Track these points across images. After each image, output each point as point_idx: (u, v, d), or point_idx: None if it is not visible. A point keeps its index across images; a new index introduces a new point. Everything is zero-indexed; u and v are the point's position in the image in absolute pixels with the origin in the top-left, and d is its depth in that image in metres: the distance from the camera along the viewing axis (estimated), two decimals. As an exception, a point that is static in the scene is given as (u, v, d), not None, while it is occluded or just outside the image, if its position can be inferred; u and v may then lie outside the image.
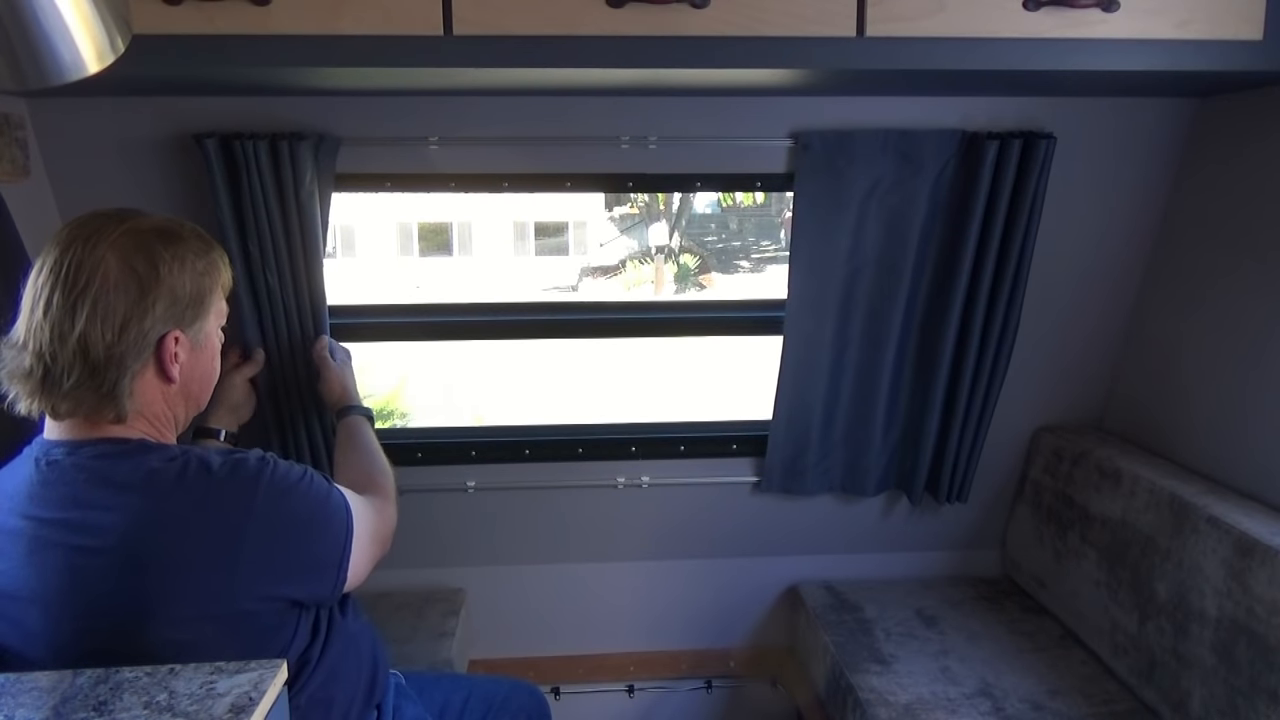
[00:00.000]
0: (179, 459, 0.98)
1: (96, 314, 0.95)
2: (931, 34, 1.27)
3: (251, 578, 0.97)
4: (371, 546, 1.17)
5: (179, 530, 0.94)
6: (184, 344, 1.03)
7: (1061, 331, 1.86)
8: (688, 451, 1.94)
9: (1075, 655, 1.72)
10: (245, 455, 1.01)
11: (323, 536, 1.06)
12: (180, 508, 0.95)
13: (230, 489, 0.97)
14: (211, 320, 1.08)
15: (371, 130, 1.62)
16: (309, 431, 1.73)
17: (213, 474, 0.97)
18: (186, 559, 0.94)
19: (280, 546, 0.99)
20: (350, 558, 1.08)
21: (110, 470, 0.96)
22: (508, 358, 10.52)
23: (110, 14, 0.89)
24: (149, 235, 1.01)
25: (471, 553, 1.99)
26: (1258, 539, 1.33)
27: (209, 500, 0.96)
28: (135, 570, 0.92)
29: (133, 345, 0.97)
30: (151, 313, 0.98)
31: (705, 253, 17.27)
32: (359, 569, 1.12)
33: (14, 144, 1.50)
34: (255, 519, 0.97)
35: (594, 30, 1.23)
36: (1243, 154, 1.58)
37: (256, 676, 0.86)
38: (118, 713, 0.81)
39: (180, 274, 1.01)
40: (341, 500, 1.10)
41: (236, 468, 0.99)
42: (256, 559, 0.97)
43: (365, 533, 1.13)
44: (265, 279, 1.60)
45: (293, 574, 1.01)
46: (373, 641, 1.24)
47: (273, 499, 0.99)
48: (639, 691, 2.11)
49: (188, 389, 1.07)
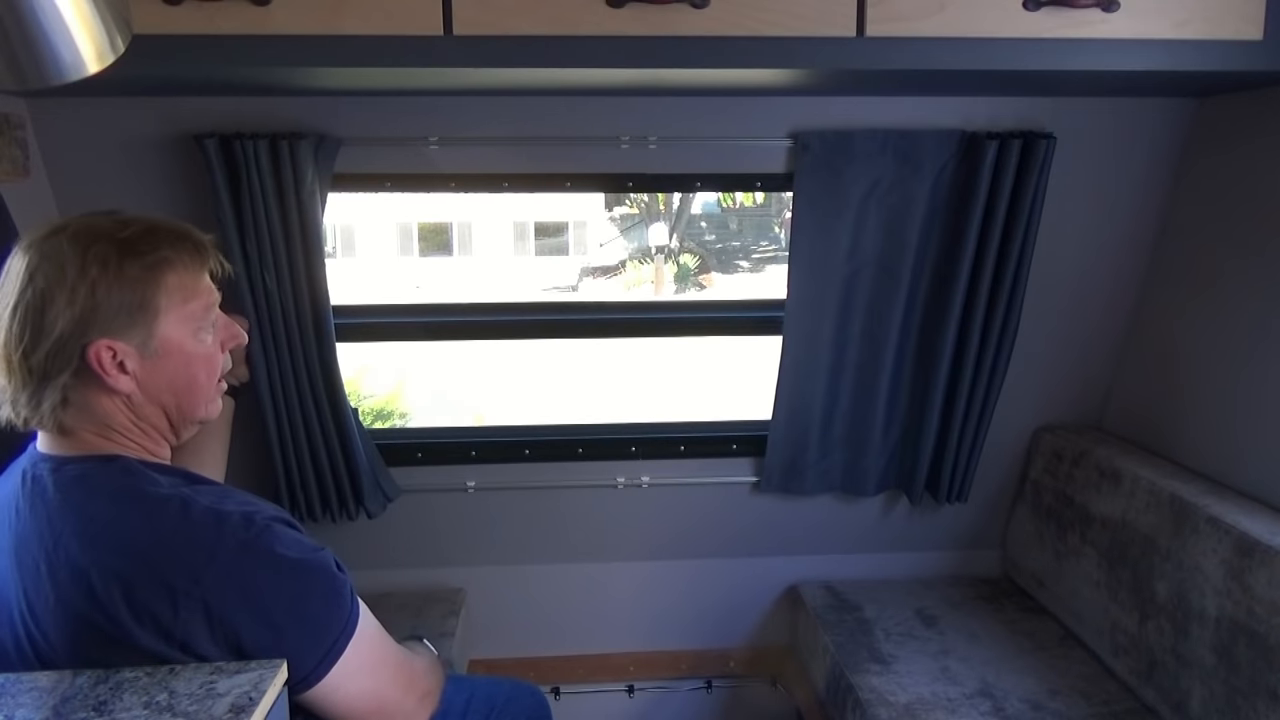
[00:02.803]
0: (166, 494, 0.94)
1: (14, 322, 0.92)
2: (931, 34, 1.27)
3: (202, 631, 0.90)
4: (380, 672, 1.04)
5: (138, 563, 0.90)
6: (128, 353, 0.95)
7: (1061, 331, 1.86)
8: (688, 451, 1.94)
9: (1075, 655, 1.72)
10: (231, 511, 0.94)
11: (302, 615, 0.95)
12: (143, 543, 0.91)
13: (198, 534, 0.92)
14: (171, 325, 0.97)
15: (371, 130, 1.62)
16: (308, 432, 1.73)
17: (188, 517, 0.92)
18: (142, 597, 0.89)
19: (243, 603, 0.92)
20: (341, 658, 0.96)
21: (86, 495, 0.94)
22: (508, 358, 10.52)
23: (110, 14, 0.89)
24: (65, 238, 0.93)
25: (471, 553, 1.99)
26: (1258, 539, 1.33)
27: (175, 540, 0.91)
28: (91, 599, 0.89)
29: (54, 356, 0.92)
30: (61, 321, 0.91)
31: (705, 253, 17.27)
32: (350, 693, 0.99)
33: (14, 144, 1.50)
34: (216, 567, 0.90)
35: (594, 30, 1.23)
36: (1243, 154, 1.58)
37: (256, 676, 0.86)
38: (118, 713, 0.81)
39: (101, 278, 0.92)
40: (347, 588, 1.00)
41: (216, 516, 0.93)
42: (210, 609, 0.90)
43: (375, 650, 1.03)
44: (264, 279, 1.60)
45: (254, 644, 0.92)
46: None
47: (241, 555, 0.91)
48: (639, 691, 2.11)
49: (158, 399, 0.99)
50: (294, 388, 1.69)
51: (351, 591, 1.01)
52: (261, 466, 1.78)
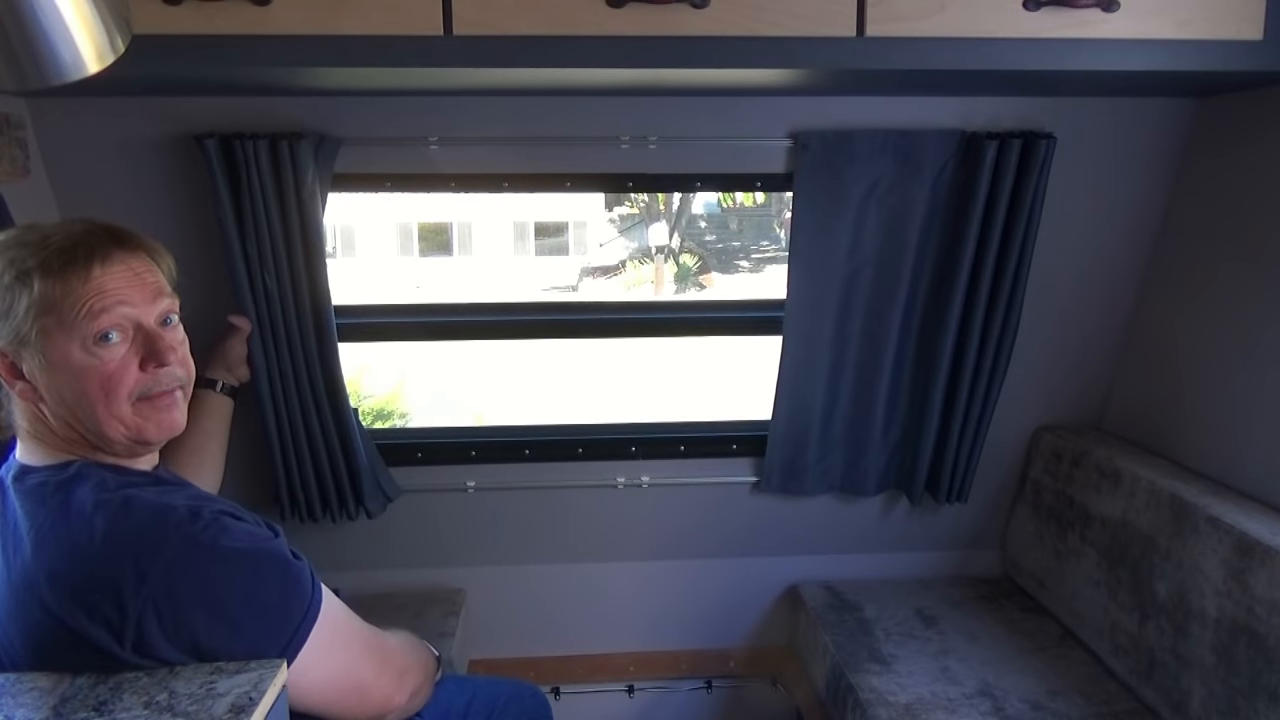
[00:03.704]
0: (108, 497, 0.94)
1: None
2: (931, 34, 1.27)
3: (154, 631, 0.89)
4: (350, 653, 1.05)
5: (83, 566, 0.89)
6: (25, 359, 0.96)
7: (1061, 331, 1.86)
8: (688, 451, 1.94)
9: (1075, 655, 1.72)
10: (177, 505, 0.94)
11: (259, 606, 0.94)
12: (85, 545, 0.90)
13: (141, 531, 0.91)
14: (64, 337, 0.94)
15: (371, 130, 1.62)
16: (309, 432, 1.73)
17: (130, 514, 0.92)
18: (91, 599, 0.88)
19: (196, 599, 0.91)
20: (306, 645, 0.95)
21: (39, 504, 0.95)
22: (508, 358, 10.52)
23: (110, 14, 0.89)
24: None
25: (471, 553, 1.99)
26: (1258, 539, 1.33)
27: (117, 539, 0.90)
28: (43, 606, 0.89)
29: None
30: None
31: (705, 253, 17.27)
32: (320, 676, 0.99)
33: (14, 144, 1.50)
34: (162, 563, 0.89)
35: (594, 30, 1.23)
36: (1243, 154, 1.58)
37: (256, 677, 0.86)
38: (118, 713, 0.81)
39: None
40: (305, 573, 0.99)
41: (159, 512, 0.93)
42: (160, 606, 0.89)
43: (340, 631, 1.03)
44: (264, 279, 1.60)
45: (211, 640, 0.91)
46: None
47: (188, 549, 0.90)
48: (639, 691, 2.11)
49: (64, 404, 0.97)
50: (295, 388, 1.69)
51: (312, 576, 1.00)
52: (261, 466, 1.78)
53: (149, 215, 1.62)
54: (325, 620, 0.99)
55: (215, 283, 1.63)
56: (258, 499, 1.81)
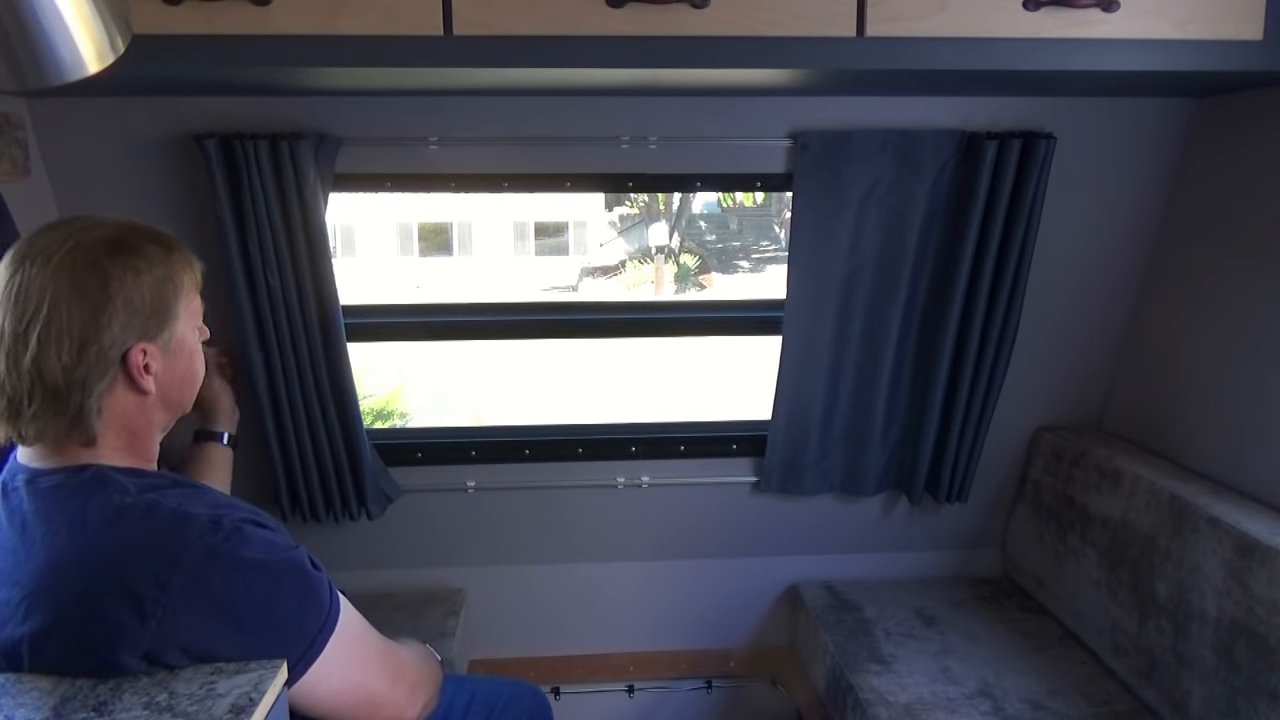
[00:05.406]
0: (130, 502, 0.93)
1: (50, 339, 0.91)
2: (931, 34, 1.27)
3: (171, 641, 0.88)
4: (365, 666, 1.04)
5: (102, 573, 0.89)
6: (154, 354, 0.98)
7: (1061, 331, 1.86)
8: (688, 451, 1.94)
9: (1075, 655, 1.72)
10: (199, 514, 0.93)
11: (277, 618, 0.95)
12: (107, 552, 0.90)
13: (162, 539, 0.90)
14: (183, 323, 1.02)
15: (371, 130, 1.62)
16: (313, 432, 1.73)
17: (152, 522, 0.91)
18: (108, 606, 0.88)
19: (213, 610, 0.90)
20: (321, 656, 0.96)
21: (55, 507, 0.94)
22: (508, 358, 10.52)
23: (110, 14, 0.89)
24: (97, 248, 0.95)
25: (471, 553, 1.99)
26: (1258, 539, 1.33)
27: (139, 546, 0.90)
28: (58, 612, 0.89)
29: (95, 365, 0.94)
30: (109, 330, 0.93)
31: (705, 253, 17.26)
32: (334, 688, 0.99)
33: (14, 144, 1.50)
34: (182, 572, 0.89)
35: (594, 30, 1.23)
36: (1243, 154, 1.58)
37: (256, 677, 0.86)
38: (118, 713, 0.81)
39: (136, 286, 0.96)
40: (324, 584, 1.00)
41: (181, 521, 0.92)
42: (179, 616, 0.89)
43: (356, 644, 1.03)
44: (266, 279, 1.60)
45: (228, 651, 0.91)
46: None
47: (209, 560, 0.90)
48: (639, 691, 2.11)
49: (167, 396, 1.02)
50: (298, 388, 1.69)
51: (330, 587, 1.01)
52: (262, 466, 1.78)
53: (149, 215, 1.58)
54: (342, 632, 0.99)
55: (216, 282, 1.63)
56: (257, 499, 1.81)
